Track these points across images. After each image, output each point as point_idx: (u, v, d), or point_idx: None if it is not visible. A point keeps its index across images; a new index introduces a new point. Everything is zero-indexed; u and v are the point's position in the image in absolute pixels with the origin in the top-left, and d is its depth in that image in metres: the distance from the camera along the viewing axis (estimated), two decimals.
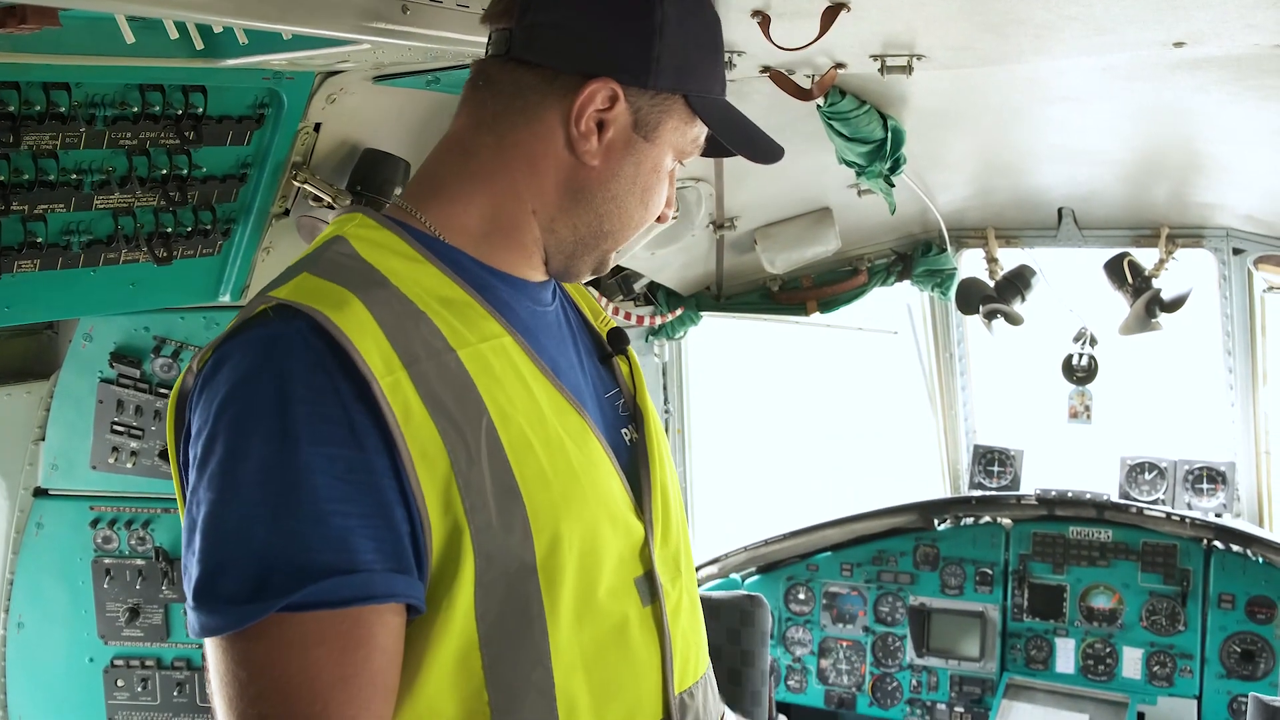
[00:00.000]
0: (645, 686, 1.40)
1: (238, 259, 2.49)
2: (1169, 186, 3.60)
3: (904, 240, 4.21)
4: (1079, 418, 4.48)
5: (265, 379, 1.18)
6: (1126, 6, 2.07)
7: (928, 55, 2.42)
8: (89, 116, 2.02)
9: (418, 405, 1.21)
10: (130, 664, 2.95)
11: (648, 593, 1.41)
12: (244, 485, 1.16)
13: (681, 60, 1.41)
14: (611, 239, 1.46)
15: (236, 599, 1.13)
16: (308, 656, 1.15)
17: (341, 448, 1.17)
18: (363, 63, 2.13)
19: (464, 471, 1.23)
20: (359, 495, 1.17)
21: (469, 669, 1.25)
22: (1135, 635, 4.30)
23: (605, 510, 1.37)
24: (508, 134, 1.41)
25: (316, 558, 1.14)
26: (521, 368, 1.35)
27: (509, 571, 1.26)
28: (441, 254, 1.37)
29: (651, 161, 1.43)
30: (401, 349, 1.23)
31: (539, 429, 1.32)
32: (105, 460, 2.82)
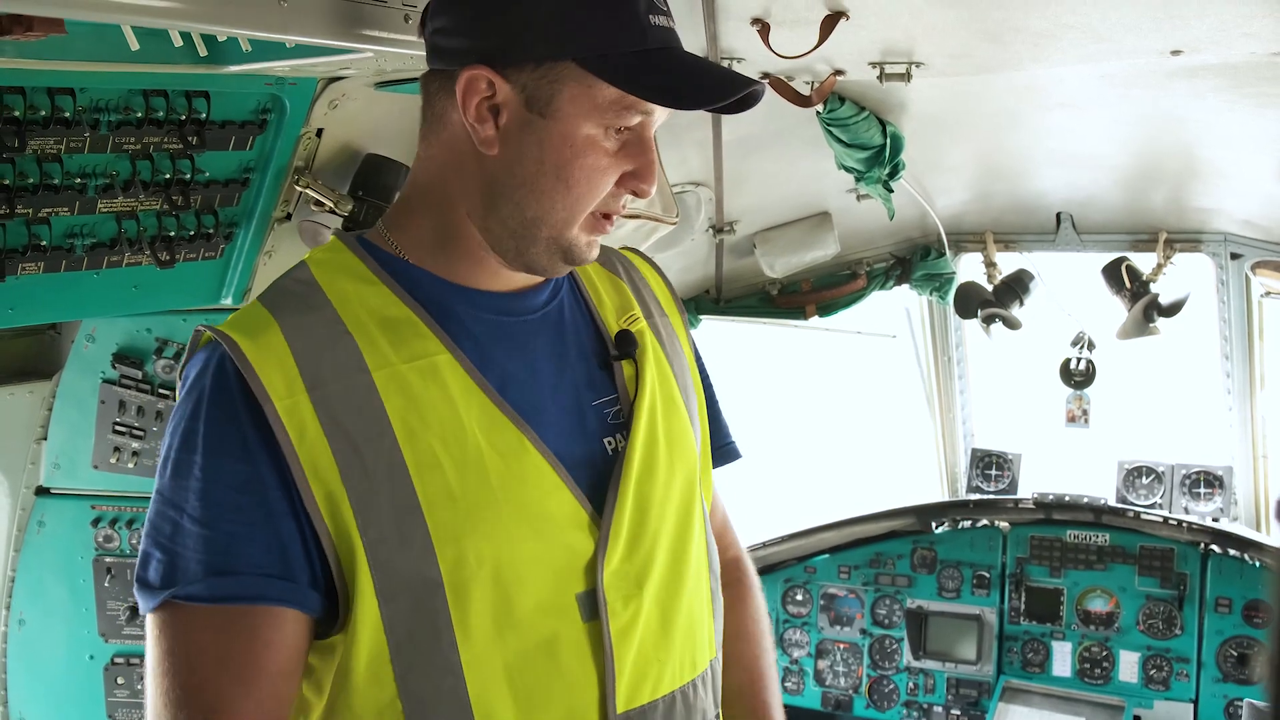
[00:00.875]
0: (579, 701, 1.39)
1: (239, 262, 2.50)
2: (1167, 192, 3.62)
3: (903, 244, 4.22)
4: (1077, 422, 4.50)
5: (192, 397, 1.33)
6: (1124, 15, 2.09)
7: (926, 63, 2.44)
8: (93, 121, 2.03)
9: (314, 425, 1.30)
10: (130, 662, 2.96)
11: (589, 609, 1.40)
12: (164, 486, 1.33)
13: (558, 23, 1.33)
14: (544, 224, 1.40)
15: (148, 585, 1.30)
16: (194, 639, 1.29)
17: (237, 462, 1.29)
18: (365, 69, 2.15)
19: (357, 488, 1.30)
20: (248, 506, 1.29)
21: (382, 679, 1.33)
22: (1132, 639, 4.31)
23: (530, 527, 1.37)
24: (433, 143, 1.45)
25: (204, 557, 1.28)
26: (451, 385, 1.37)
27: (413, 586, 1.32)
28: (399, 273, 1.43)
29: (559, 137, 1.35)
30: (308, 373, 1.32)
31: (455, 447, 1.34)
32: (107, 460, 2.83)
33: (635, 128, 1.39)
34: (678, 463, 1.54)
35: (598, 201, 1.40)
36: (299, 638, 1.33)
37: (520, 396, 1.41)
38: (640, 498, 1.46)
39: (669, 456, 1.52)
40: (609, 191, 1.40)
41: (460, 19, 1.37)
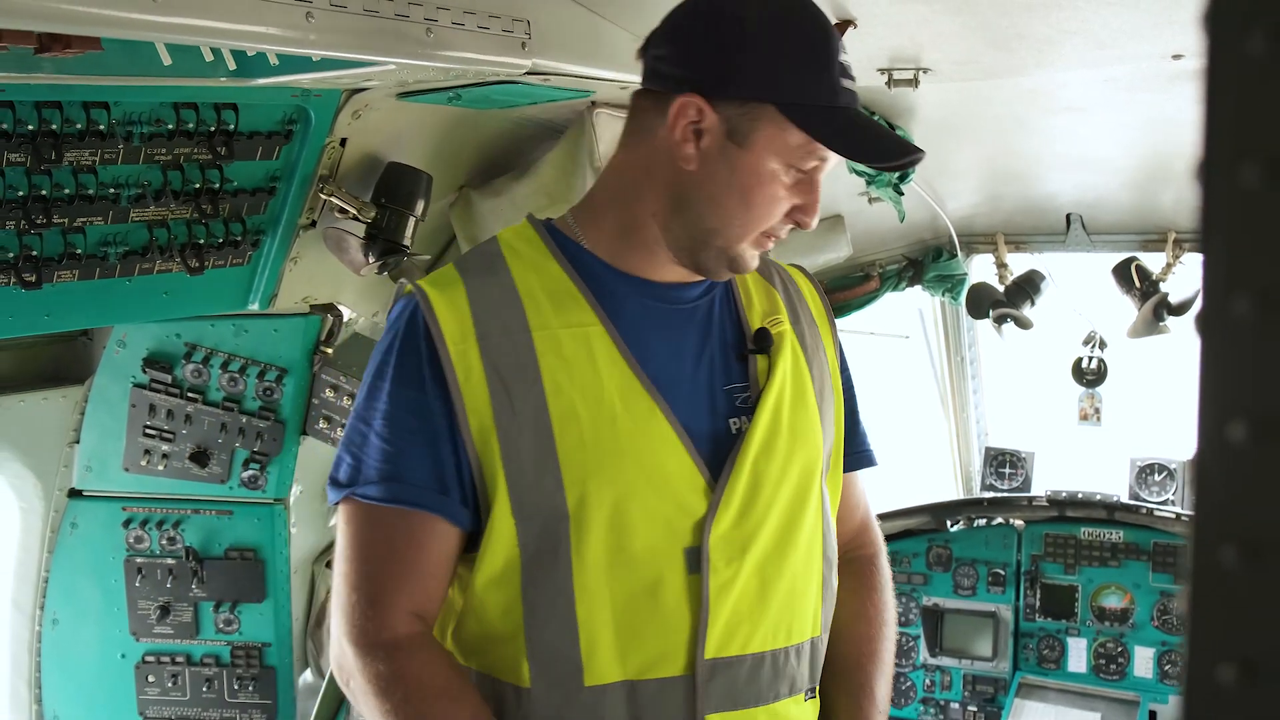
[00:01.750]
0: (673, 640, 1.60)
1: (266, 269, 2.57)
2: (1175, 192, 3.65)
3: (915, 246, 4.26)
4: (1089, 420, 4.53)
5: (389, 335, 1.63)
6: (1124, 21, 2.14)
7: (933, 69, 2.49)
8: (126, 134, 2.11)
9: (478, 370, 1.56)
10: (161, 660, 3.03)
11: (693, 563, 1.60)
12: (359, 405, 1.63)
13: (768, 72, 1.56)
14: (720, 235, 1.62)
15: (338, 482, 1.62)
16: (370, 532, 1.60)
17: (414, 392, 1.58)
18: (387, 81, 2.21)
19: (505, 426, 1.56)
20: (418, 429, 1.57)
21: (509, 583, 1.60)
22: (1147, 634, 4.34)
23: (647, 480, 1.59)
24: (633, 151, 1.68)
25: (381, 465, 1.58)
26: (598, 352, 1.61)
27: (543, 513, 1.57)
28: (573, 255, 1.68)
29: (749, 166, 1.58)
30: (480, 326, 1.58)
31: (592, 404, 1.58)
32: (137, 462, 2.90)
33: (809, 170, 1.60)
34: (798, 451, 1.72)
35: (768, 225, 1.63)
36: (449, 545, 1.61)
37: (659, 371, 1.64)
38: (756, 474, 1.66)
39: (790, 444, 1.71)
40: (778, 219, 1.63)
41: (683, 51, 1.61)
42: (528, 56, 2.11)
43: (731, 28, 1.57)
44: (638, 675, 1.59)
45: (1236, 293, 0.53)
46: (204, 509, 2.97)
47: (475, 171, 2.95)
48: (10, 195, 2.02)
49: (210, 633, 3.02)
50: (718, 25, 1.58)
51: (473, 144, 2.85)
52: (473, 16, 1.96)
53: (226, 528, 2.97)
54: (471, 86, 2.28)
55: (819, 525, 1.77)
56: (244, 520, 2.97)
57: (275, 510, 2.98)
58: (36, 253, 2.10)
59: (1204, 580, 0.51)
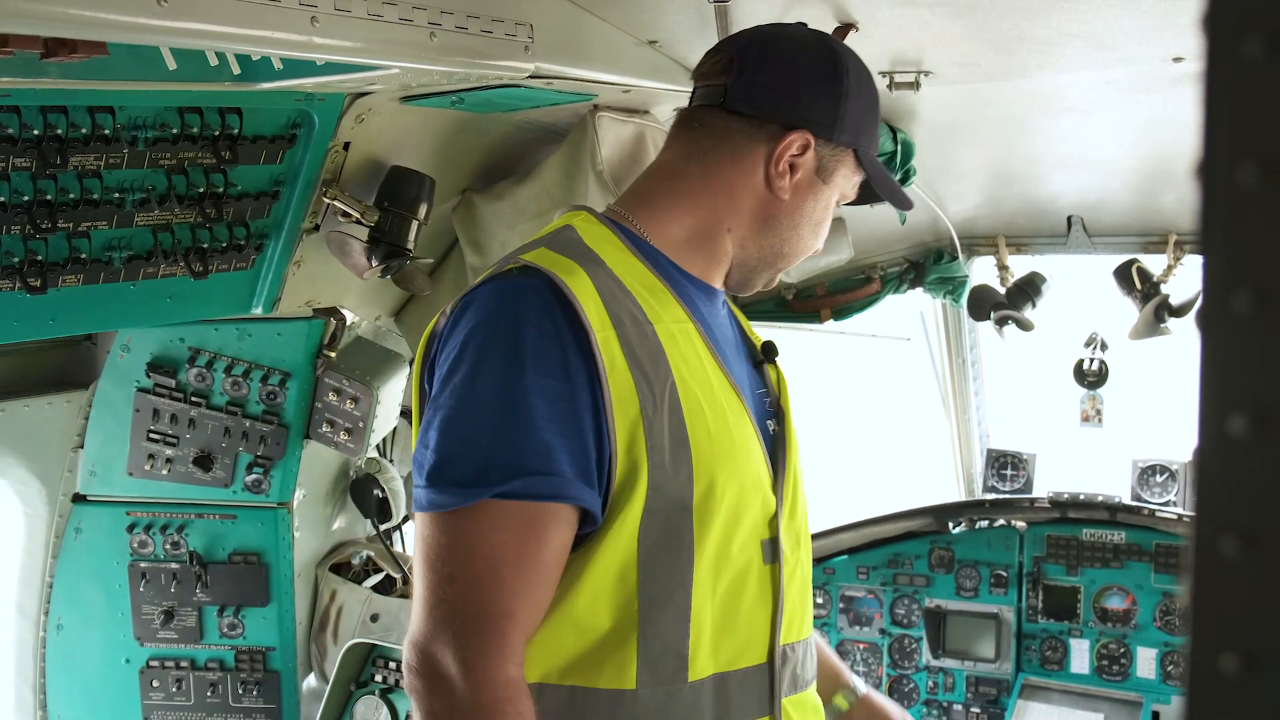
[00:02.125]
0: (757, 630, 1.67)
1: (269, 273, 2.58)
2: (1176, 194, 3.66)
3: (916, 249, 4.27)
4: (1090, 421, 4.53)
5: (506, 318, 1.51)
6: (1125, 23, 2.14)
7: (935, 71, 2.50)
8: (131, 138, 2.12)
9: (621, 359, 1.53)
10: (165, 665, 3.04)
11: (770, 554, 1.69)
12: (480, 396, 1.49)
13: (857, 120, 1.75)
14: (786, 259, 1.79)
15: (461, 483, 1.46)
16: (498, 537, 1.47)
17: (557, 380, 1.49)
18: (391, 85, 2.22)
19: (649, 418, 1.54)
20: (563, 419, 1.49)
21: (626, 581, 1.55)
22: (1149, 635, 4.34)
23: (750, 476, 1.66)
24: (714, 166, 1.74)
25: (526, 460, 1.47)
26: (700, 349, 1.66)
27: (670, 506, 1.55)
28: (644, 251, 1.71)
29: (825, 200, 1.77)
30: (613, 314, 1.55)
31: (709, 399, 1.62)
32: (141, 467, 2.91)
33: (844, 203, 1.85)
34: (799, 449, 1.87)
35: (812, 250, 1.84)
36: (569, 546, 1.54)
37: (733, 372, 1.72)
38: (794, 472, 1.80)
39: (797, 443, 1.86)
40: None
41: (795, 88, 1.73)
42: (531, 60, 2.12)
43: (842, 78, 1.74)
44: (728, 666, 1.64)
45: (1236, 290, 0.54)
46: (207, 513, 2.98)
47: (478, 175, 2.96)
48: (15, 200, 2.02)
49: (214, 637, 3.03)
50: (832, 73, 1.74)
51: (475, 147, 2.86)
52: (476, 20, 1.97)
53: (230, 532, 2.98)
54: (474, 90, 2.29)
55: None
56: (247, 524, 2.98)
57: (279, 514, 2.99)
58: (41, 257, 2.11)
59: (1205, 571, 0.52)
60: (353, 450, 2.96)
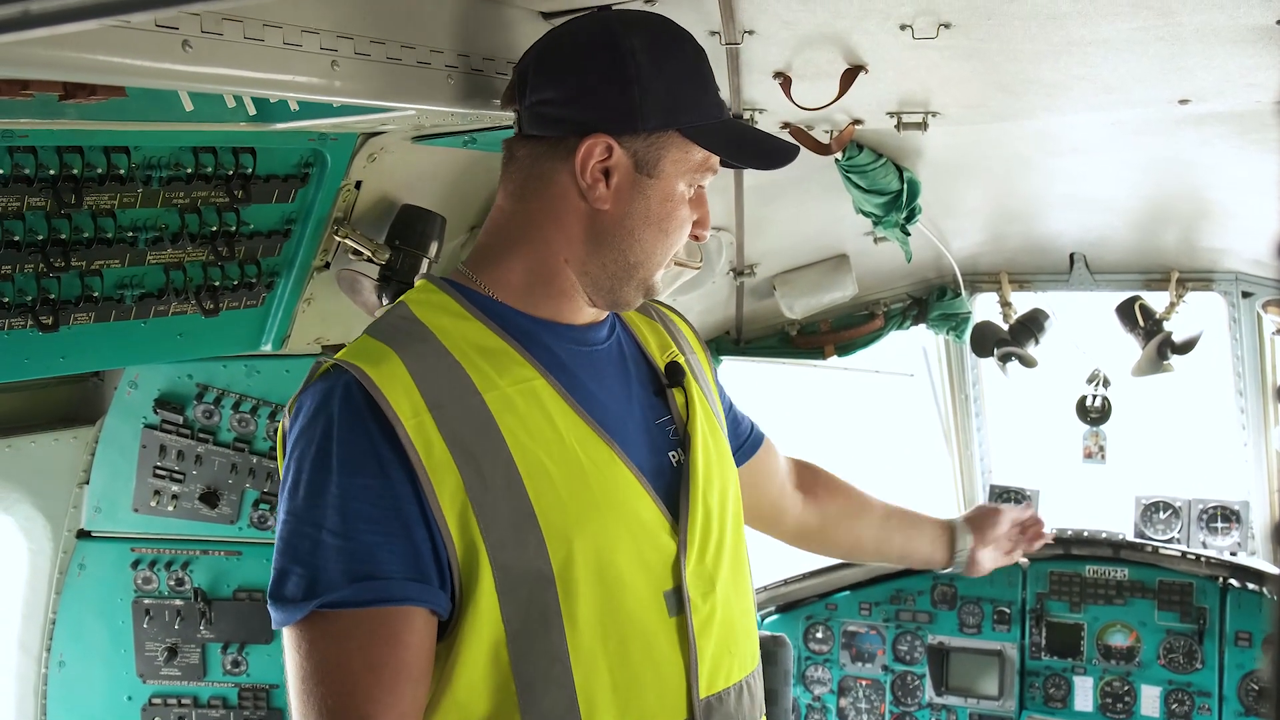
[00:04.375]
0: (669, 688, 1.57)
1: (279, 310, 2.59)
2: (1178, 232, 3.68)
3: (919, 285, 4.29)
4: (1094, 458, 4.54)
5: (319, 423, 1.46)
6: (1132, 67, 2.16)
7: (942, 112, 2.52)
8: (145, 177, 2.13)
9: (439, 443, 1.45)
10: (168, 702, 3.02)
11: (675, 605, 1.58)
12: (301, 509, 1.45)
13: (666, 100, 1.59)
14: (641, 268, 1.65)
15: (293, 599, 1.43)
16: (342, 646, 1.42)
17: (371, 478, 1.43)
18: (404, 125, 2.24)
19: (478, 497, 1.46)
20: (384, 517, 1.43)
21: (499, 663, 1.48)
22: (1153, 673, 4.33)
23: (626, 529, 1.56)
24: (532, 199, 1.65)
25: (347, 566, 1.41)
26: (549, 405, 1.56)
27: (528, 581, 1.48)
28: (488, 310, 1.61)
29: (661, 194, 1.61)
30: (429, 395, 1.47)
31: (558, 459, 1.52)
32: (147, 503, 2.90)
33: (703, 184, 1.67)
34: (728, 476, 1.76)
35: (680, 246, 1.67)
36: (430, 639, 1.48)
37: (604, 415, 1.61)
38: (706, 505, 1.66)
39: (720, 470, 1.74)
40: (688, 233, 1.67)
41: (573, 94, 1.59)
42: None
43: (625, 63, 1.57)
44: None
45: None
46: (213, 549, 2.96)
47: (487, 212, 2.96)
48: (30, 239, 2.03)
49: (218, 674, 3.01)
50: (610, 62, 1.58)
51: (485, 185, 2.87)
52: (491, 63, 1.98)
53: (235, 568, 2.96)
54: (487, 130, 2.30)
55: (745, 545, 1.82)
56: (253, 561, 2.96)
57: None
58: (54, 295, 2.11)
59: None
60: None
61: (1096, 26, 1.96)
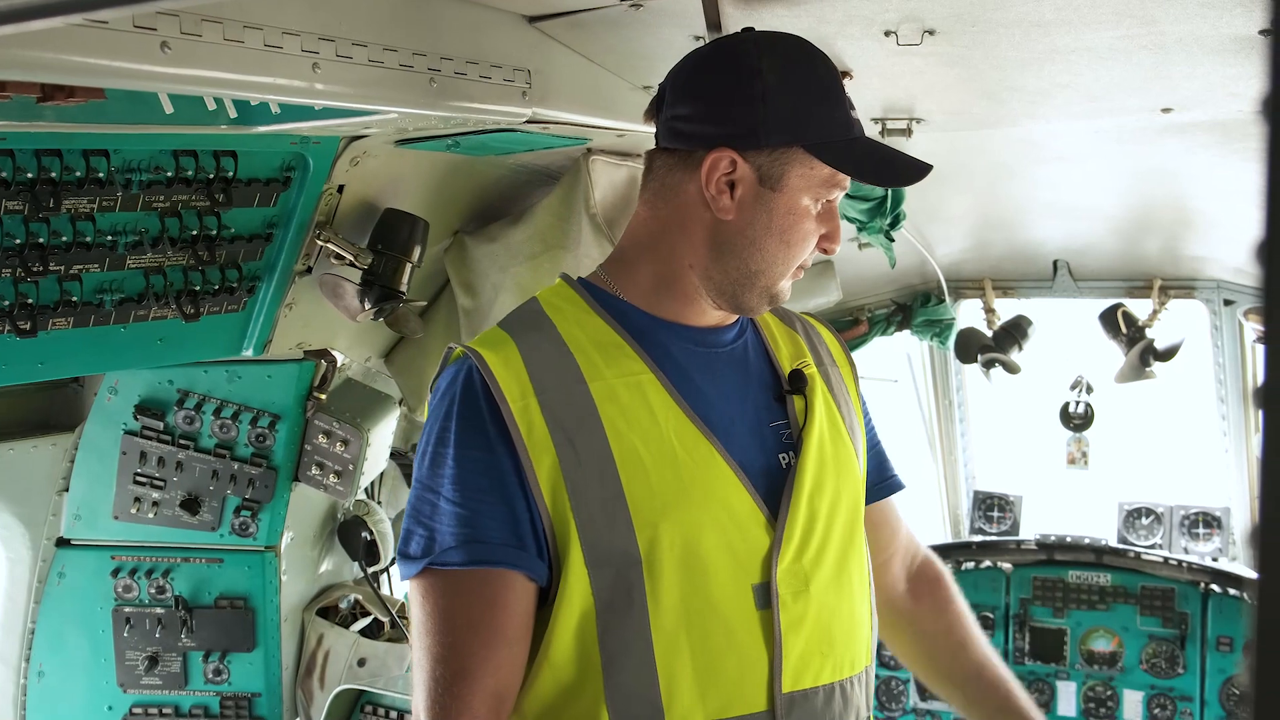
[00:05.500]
0: (751, 679, 1.63)
1: (261, 315, 2.57)
2: (1161, 240, 3.70)
3: (903, 291, 4.29)
4: (1077, 464, 4.55)
5: (445, 402, 1.64)
6: (1116, 76, 2.17)
7: (926, 119, 2.52)
8: (125, 181, 2.11)
9: (540, 423, 1.59)
10: (149, 711, 2.99)
11: (763, 599, 1.65)
12: (428, 476, 1.63)
13: (790, 116, 1.65)
14: (763, 275, 1.71)
15: (414, 556, 1.61)
16: (450, 601, 1.60)
17: (481, 452, 1.59)
18: (387, 129, 2.23)
19: (572, 476, 1.59)
20: (491, 488, 1.59)
21: (586, 635, 1.60)
22: (1135, 678, 4.34)
23: (714, 520, 1.64)
24: (662, 208, 1.74)
25: (458, 530, 1.59)
26: (653, 398, 1.66)
27: (615, 560, 1.59)
28: (612, 308, 1.74)
29: (784, 207, 1.67)
30: (537, 381, 1.62)
31: (653, 448, 1.63)
32: (127, 511, 2.87)
33: (832, 200, 1.71)
34: (844, 486, 1.80)
35: (804, 258, 1.72)
36: (528, 604, 1.62)
37: (710, 413, 1.70)
38: (810, 508, 1.72)
39: (836, 478, 1.78)
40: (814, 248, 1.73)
41: (705, 110, 1.68)
42: (528, 105, 2.13)
43: (751, 81, 1.65)
44: (720, 714, 1.62)
45: None
46: (194, 557, 2.94)
47: (470, 217, 2.96)
48: (7, 243, 2.01)
49: (199, 683, 2.98)
50: (738, 80, 1.66)
51: (468, 190, 2.86)
52: (475, 66, 1.97)
53: (216, 576, 2.94)
54: (470, 134, 2.29)
55: (865, 554, 1.84)
56: (234, 568, 2.94)
57: (266, 558, 2.95)
58: (32, 300, 2.09)
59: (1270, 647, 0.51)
60: (342, 493, 2.94)
61: (1080, 35, 1.97)
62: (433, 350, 3.08)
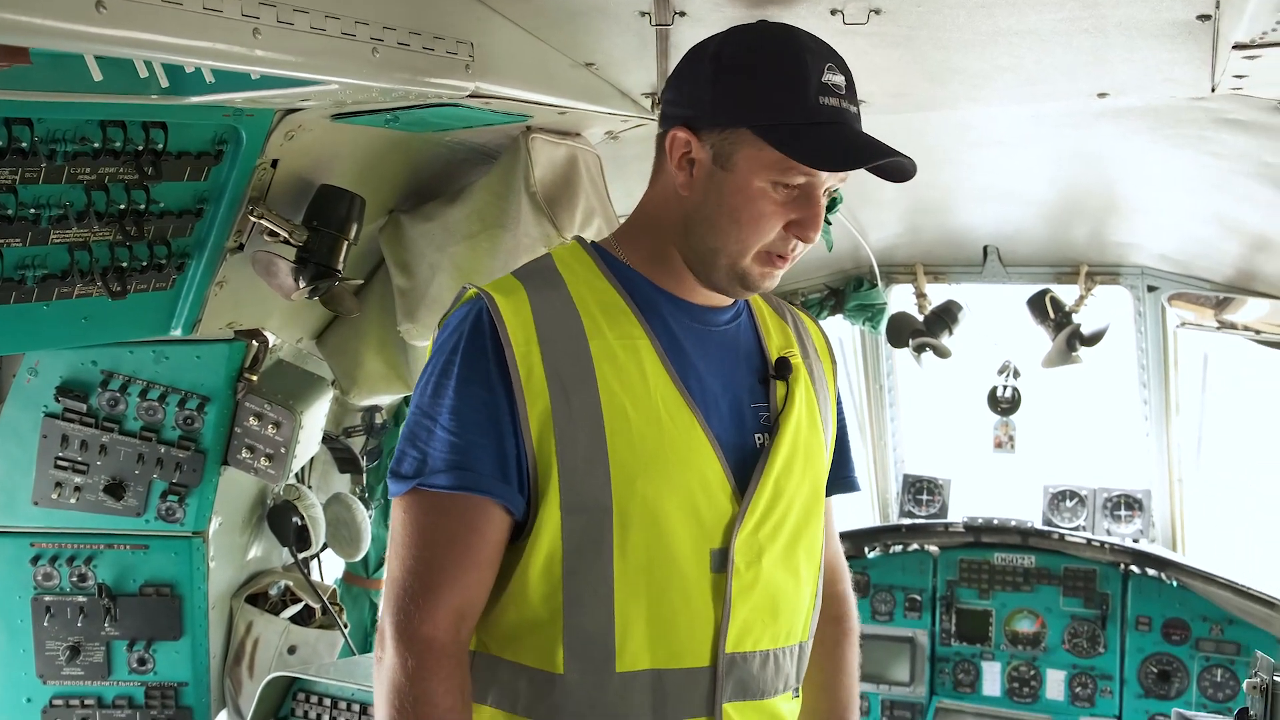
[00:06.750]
0: (699, 635, 1.72)
1: (190, 293, 2.49)
2: (1089, 227, 3.77)
3: (836, 276, 4.32)
4: (1003, 448, 4.63)
5: (453, 338, 1.72)
6: (1056, 59, 2.20)
7: (868, 101, 2.53)
8: (50, 152, 2.02)
9: (539, 371, 1.68)
10: (70, 703, 2.90)
11: (719, 563, 1.73)
12: (426, 405, 1.72)
13: (739, 98, 1.69)
14: (722, 254, 1.74)
15: (405, 475, 1.70)
16: (431, 520, 1.69)
17: (481, 389, 1.68)
18: (324, 101, 2.17)
19: (562, 424, 1.67)
20: (486, 423, 1.67)
21: (552, 573, 1.69)
22: (1058, 658, 4.44)
23: (685, 484, 1.72)
24: (654, 185, 1.84)
25: (449, 456, 1.68)
26: (646, 363, 1.73)
27: (589, 507, 1.68)
28: (620, 274, 1.81)
29: (733, 186, 1.70)
30: (542, 330, 1.70)
31: (640, 408, 1.70)
32: (48, 496, 2.77)
33: (803, 186, 1.69)
34: (809, 471, 1.87)
35: (765, 241, 1.71)
36: (502, 533, 1.71)
37: (696, 384, 1.77)
38: (777, 488, 1.79)
39: (803, 464, 1.85)
40: (777, 235, 1.71)
41: (677, 93, 1.78)
42: (471, 79, 2.09)
43: (711, 64, 1.72)
44: (665, 664, 1.71)
45: None
46: (118, 543, 2.85)
47: (405, 196, 2.90)
48: None
49: (123, 673, 2.89)
50: (701, 64, 1.74)
51: (403, 168, 2.81)
52: (418, 37, 1.93)
53: (141, 563, 2.85)
54: (411, 109, 2.24)
55: (818, 540, 1.91)
56: (160, 554, 2.86)
57: (194, 543, 2.87)
58: None
59: None
60: (273, 476, 2.87)
61: (1024, 16, 1.99)
62: (367, 332, 3.02)
